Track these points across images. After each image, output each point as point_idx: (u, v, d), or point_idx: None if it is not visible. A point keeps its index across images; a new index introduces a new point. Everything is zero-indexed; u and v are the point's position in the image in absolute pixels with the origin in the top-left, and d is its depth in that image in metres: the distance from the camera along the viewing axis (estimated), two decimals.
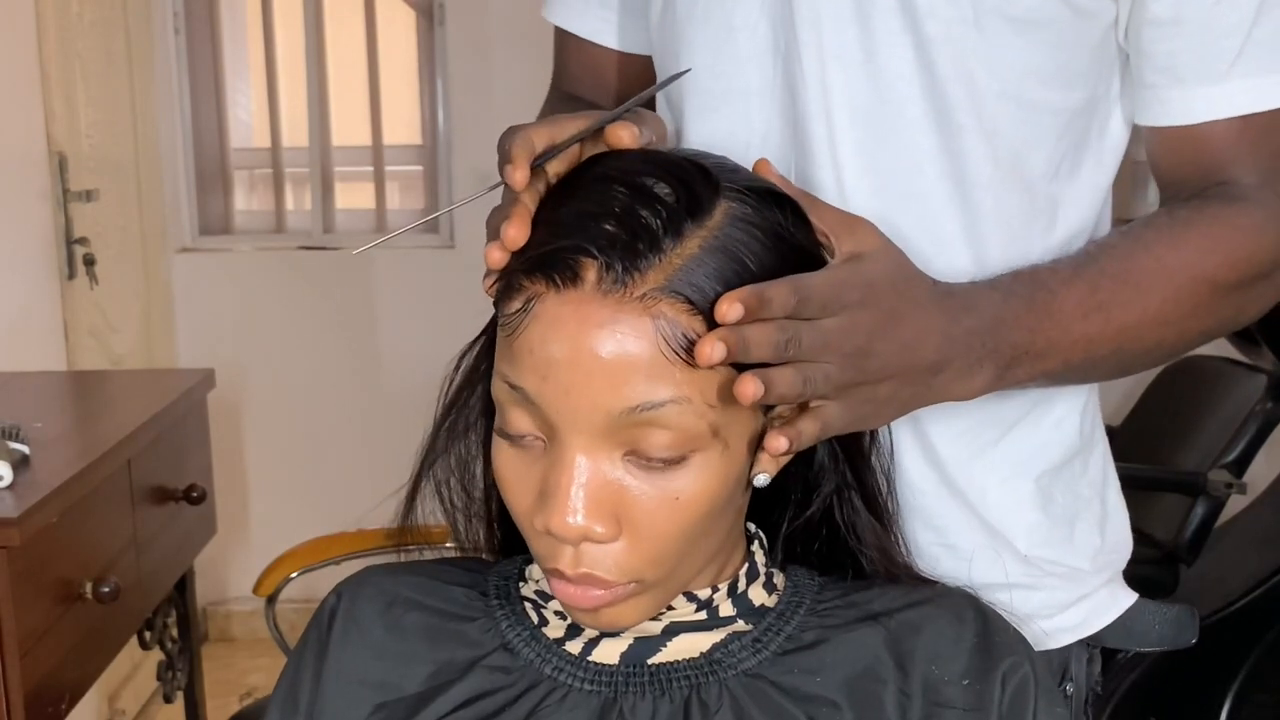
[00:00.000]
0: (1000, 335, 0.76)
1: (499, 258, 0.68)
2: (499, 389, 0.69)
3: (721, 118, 0.86)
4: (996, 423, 0.87)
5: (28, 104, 2.35)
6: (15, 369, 2.08)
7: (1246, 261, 0.81)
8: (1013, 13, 0.79)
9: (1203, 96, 0.81)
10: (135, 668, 2.64)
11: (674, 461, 0.67)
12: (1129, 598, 0.93)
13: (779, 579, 0.80)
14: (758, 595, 0.78)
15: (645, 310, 0.65)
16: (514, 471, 0.71)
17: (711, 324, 0.65)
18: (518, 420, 0.69)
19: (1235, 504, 2.41)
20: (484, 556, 0.85)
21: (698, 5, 0.86)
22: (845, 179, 0.83)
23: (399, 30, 3.12)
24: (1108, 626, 0.91)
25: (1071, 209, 0.86)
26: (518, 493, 0.70)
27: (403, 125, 3.18)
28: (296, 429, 3.14)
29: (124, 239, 2.76)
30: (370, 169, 3.15)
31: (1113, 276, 0.79)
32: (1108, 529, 0.93)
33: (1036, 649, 0.82)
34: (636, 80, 0.99)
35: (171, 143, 3.06)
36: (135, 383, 2.19)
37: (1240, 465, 2.32)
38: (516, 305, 0.68)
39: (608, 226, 0.66)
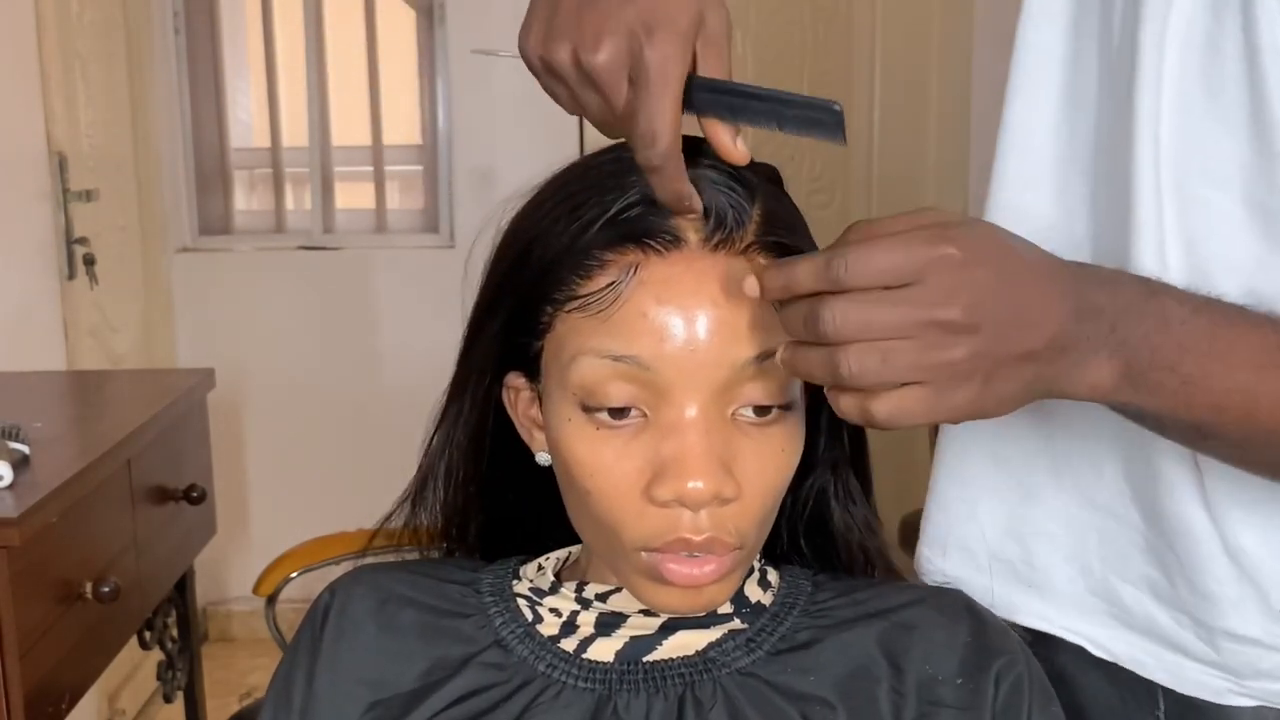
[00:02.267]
0: (1142, 327, 0.63)
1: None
2: (592, 369, 0.68)
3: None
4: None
5: (28, 104, 2.35)
6: (15, 369, 2.08)
7: None
8: None
9: None
10: (135, 668, 2.64)
11: (776, 417, 0.70)
12: None
13: (773, 576, 0.81)
14: (753, 592, 0.78)
15: (748, 260, 0.69)
16: (610, 454, 0.69)
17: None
18: (617, 397, 0.68)
19: None
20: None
21: None
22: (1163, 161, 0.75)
23: (399, 30, 3.12)
24: None
25: None
26: (615, 476, 0.69)
27: (403, 125, 3.18)
28: (296, 429, 3.14)
29: (124, 239, 2.76)
30: (370, 169, 3.15)
31: None
32: None
33: (1272, 708, 0.78)
34: None
35: (171, 143, 3.06)
36: (135, 383, 2.19)
37: None
38: (607, 279, 0.68)
39: (707, 186, 0.68)
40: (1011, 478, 0.89)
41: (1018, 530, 0.89)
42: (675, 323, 0.67)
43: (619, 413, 0.69)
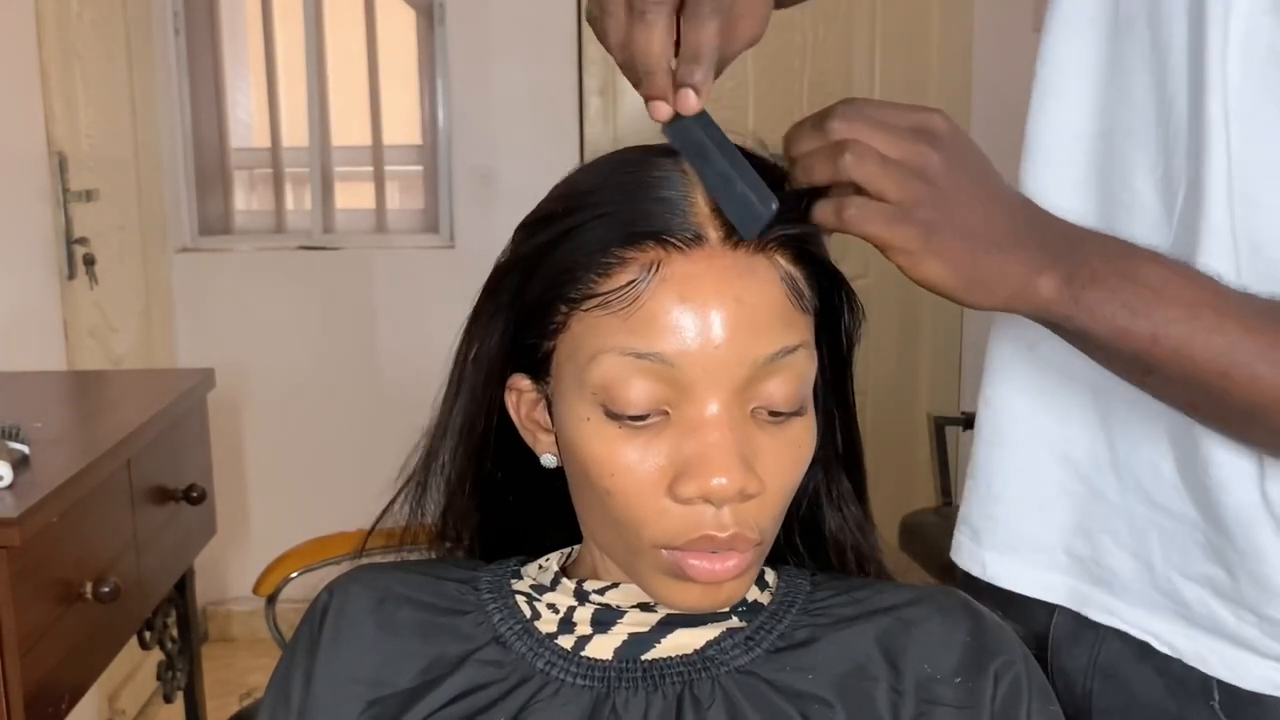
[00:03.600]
0: (1088, 254, 0.68)
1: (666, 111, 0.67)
2: (613, 367, 0.68)
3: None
4: None
5: (28, 104, 2.35)
6: (15, 369, 2.08)
7: None
8: None
9: None
10: (135, 668, 2.64)
11: (794, 412, 0.71)
12: None
13: (770, 575, 0.81)
14: (750, 591, 0.78)
15: (767, 258, 0.69)
16: (632, 455, 0.69)
17: (810, 270, 0.71)
18: (639, 395, 0.68)
19: None
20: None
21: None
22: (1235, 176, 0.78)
23: (399, 30, 3.12)
24: None
25: None
26: (637, 474, 0.69)
27: (403, 125, 3.19)
28: (296, 429, 3.14)
29: (124, 239, 2.76)
30: (370, 169, 3.15)
31: (1255, 307, 0.70)
32: None
33: None
34: None
35: (171, 143, 3.06)
36: (135, 383, 2.19)
37: None
38: (628, 277, 0.68)
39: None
40: (1079, 477, 0.91)
41: (1087, 527, 0.91)
42: (699, 320, 0.67)
43: (639, 418, 0.69)
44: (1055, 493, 0.92)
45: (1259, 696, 0.82)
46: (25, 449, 1.46)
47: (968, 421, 2.77)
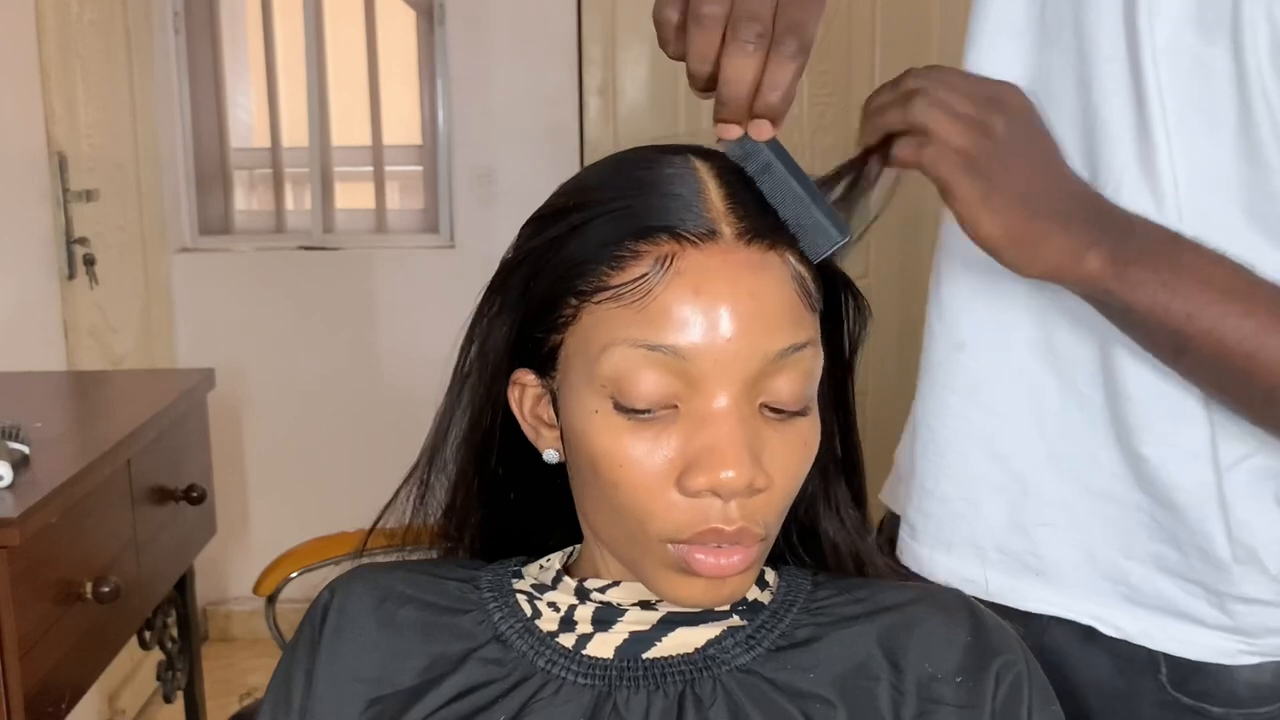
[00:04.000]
0: (1133, 236, 0.73)
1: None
2: (624, 358, 0.68)
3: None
4: (1245, 438, 0.85)
5: (28, 104, 2.35)
6: (15, 369, 2.08)
7: None
8: None
9: None
10: (135, 668, 2.64)
11: (800, 410, 0.71)
12: None
13: (770, 575, 0.81)
14: (750, 590, 0.78)
15: (779, 256, 0.70)
16: (641, 448, 0.69)
17: (817, 271, 0.72)
18: (650, 387, 0.68)
19: None
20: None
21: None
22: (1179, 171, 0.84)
23: (399, 30, 3.12)
24: None
25: None
26: (646, 466, 0.69)
27: (403, 125, 3.19)
28: (296, 429, 3.14)
29: (124, 239, 2.76)
30: (370, 169, 3.15)
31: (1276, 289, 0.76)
32: None
33: (1277, 661, 0.86)
34: None
35: (171, 143, 3.06)
36: (135, 383, 2.19)
37: None
38: (640, 269, 0.68)
39: (736, 186, 0.71)
40: (1012, 473, 0.93)
41: (1020, 522, 0.93)
42: (712, 314, 0.68)
43: (646, 413, 0.69)
44: (988, 490, 0.94)
45: (1202, 665, 0.88)
46: (25, 449, 1.46)
47: None
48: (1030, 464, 0.92)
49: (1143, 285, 0.74)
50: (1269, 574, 0.86)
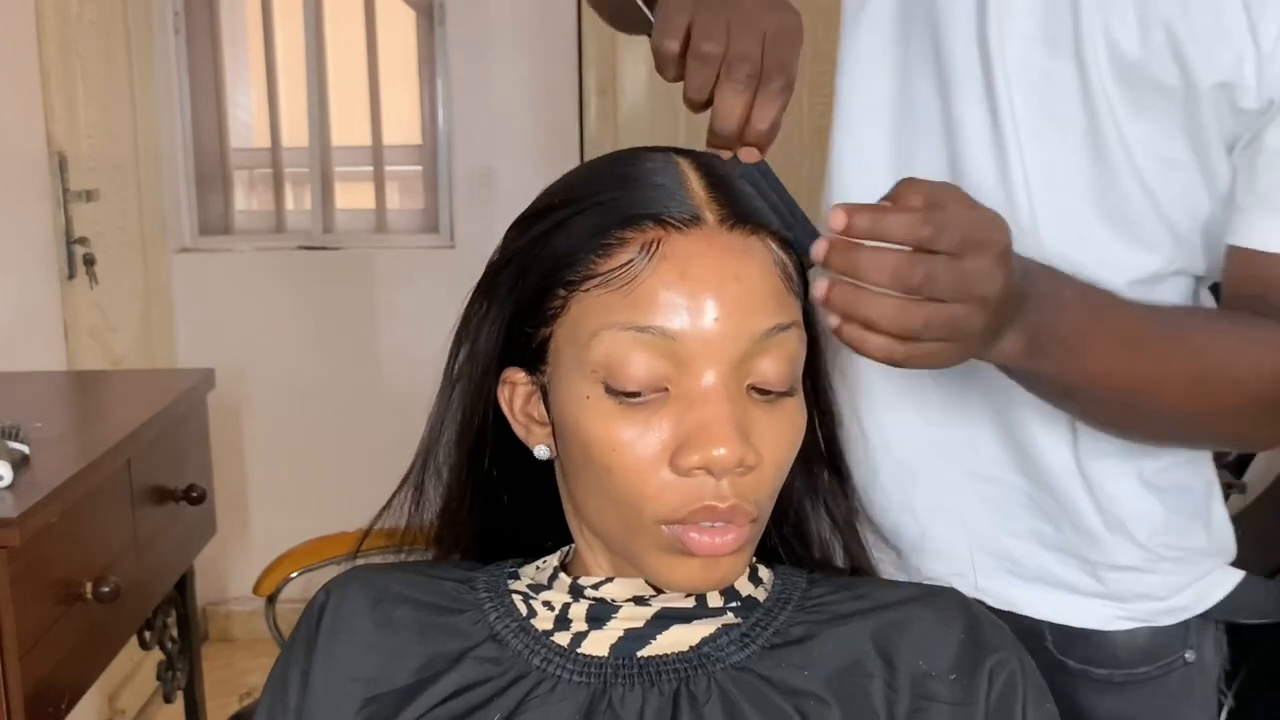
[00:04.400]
0: (1043, 312, 0.76)
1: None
2: (615, 342, 0.70)
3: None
4: None
5: (28, 104, 2.35)
6: (15, 369, 2.08)
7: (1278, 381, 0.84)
8: (1158, 77, 0.86)
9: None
10: (135, 668, 2.64)
11: (786, 391, 0.73)
12: (1235, 578, 1.00)
13: (764, 573, 0.81)
14: (745, 587, 0.79)
15: (761, 241, 0.73)
16: (633, 431, 0.70)
17: (797, 259, 0.74)
18: (640, 369, 0.70)
19: (1235, 504, 2.41)
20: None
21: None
22: (1032, 181, 0.91)
23: (399, 30, 3.12)
24: (1217, 604, 0.99)
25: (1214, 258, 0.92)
26: (638, 449, 0.70)
27: (403, 125, 3.18)
28: (296, 429, 3.14)
29: (124, 239, 2.76)
30: (370, 169, 3.15)
31: (1162, 326, 0.84)
32: (1214, 528, 1.01)
33: (1149, 625, 0.96)
34: None
35: (171, 143, 3.06)
36: (135, 383, 2.18)
37: (1240, 465, 2.32)
38: (627, 255, 0.70)
39: (716, 177, 0.74)
40: (900, 461, 1.00)
41: (911, 506, 0.99)
42: (699, 296, 0.69)
43: (636, 395, 0.70)
44: (882, 478, 1.00)
45: (1083, 631, 0.96)
46: (25, 449, 1.46)
47: None
48: (916, 452, 0.99)
49: (1051, 357, 0.78)
50: (1137, 543, 0.95)
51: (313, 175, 3.13)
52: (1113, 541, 0.95)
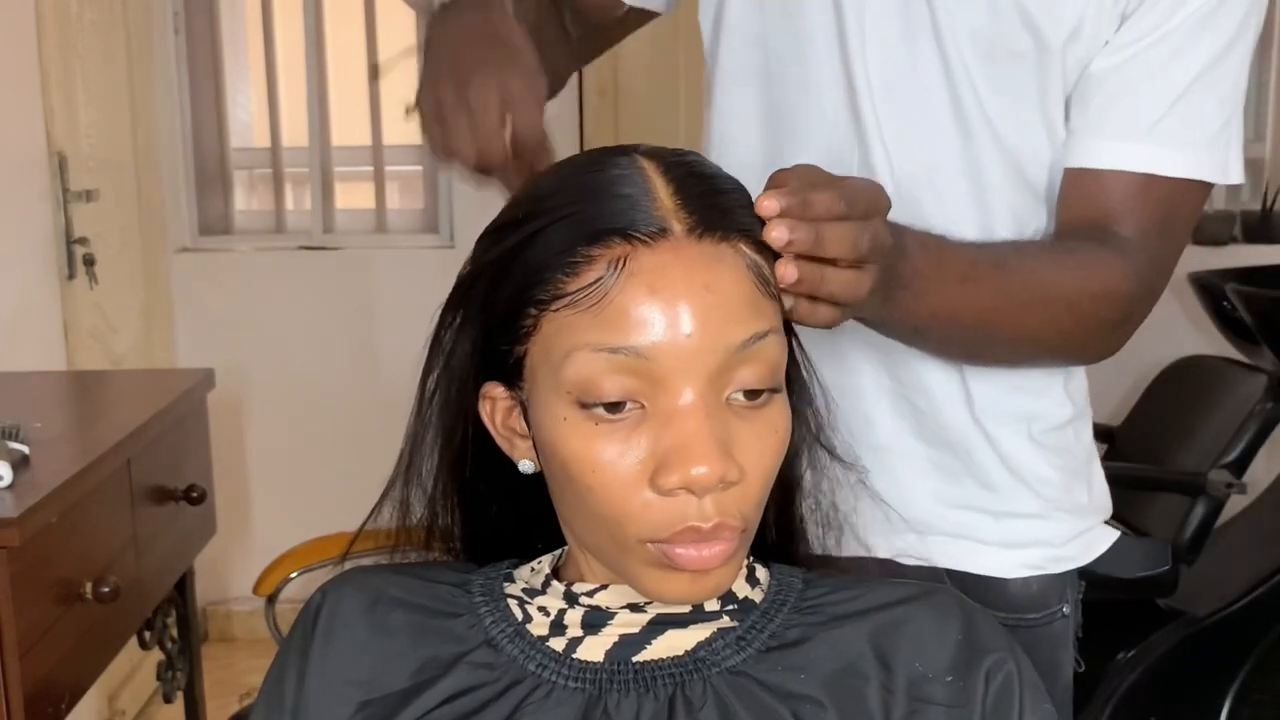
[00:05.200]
0: (897, 258, 0.80)
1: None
2: (587, 363, 0.69)
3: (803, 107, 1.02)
4: (1013, 389, 1.03)
5: (28, 104, 2.35)
6: (15, 369, 2.08)
7: (1105, 299, 0.94)
8: (1014, 47, 0.95)
9: (1118, 149, 0.95)
10: (135, 668, 2.64)
11: (766, 399, 0.71)
12: (1114, 535, 1.09)
13: (761, 573, 0.81)
14: (741, 589, 0.78)
15: (732, 248, 0.70)
16: (612, 451, 0.69)
17: (773, 259, 0.71)
18: (614, 389, 0.69)
19: (1235, 504, 2.41)
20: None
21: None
22: (896, 168, 0.99)
23: (399, 30, 3.12)
24: (1099, 557, 1.08)
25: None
26: (618, 469, 0.69)
27: (402, 125, 3.18)
28: (296, 429, 3.14)
29: (124, 239, 2.76)
30: (370, 169, 3.15)
31: (996, 260, 0.92)
32: (1094, 488, 1.10)
33: (1041, 573, 1.04)
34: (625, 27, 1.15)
35: (171, 143, 3.06)
36: (135, 383, 2.18)
37: (1240, 465, 2.32)
38: (595, 274, 0.68)
39: (684, 181, 0.72)
40: None
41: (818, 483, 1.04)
42: (670, 311, 0.68)
43: (615, 406, 0.69)
44: None
45: (982, 579, 1.03)
46: (25, 449, 1.46)
47: None
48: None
49: (899, 302, 0.82)
50: (1035, 492, 1.04)
51: (313, 175, 3.13)
52: (1015, 491, 1.03)
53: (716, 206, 0.71)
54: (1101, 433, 2.75)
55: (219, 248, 3.15)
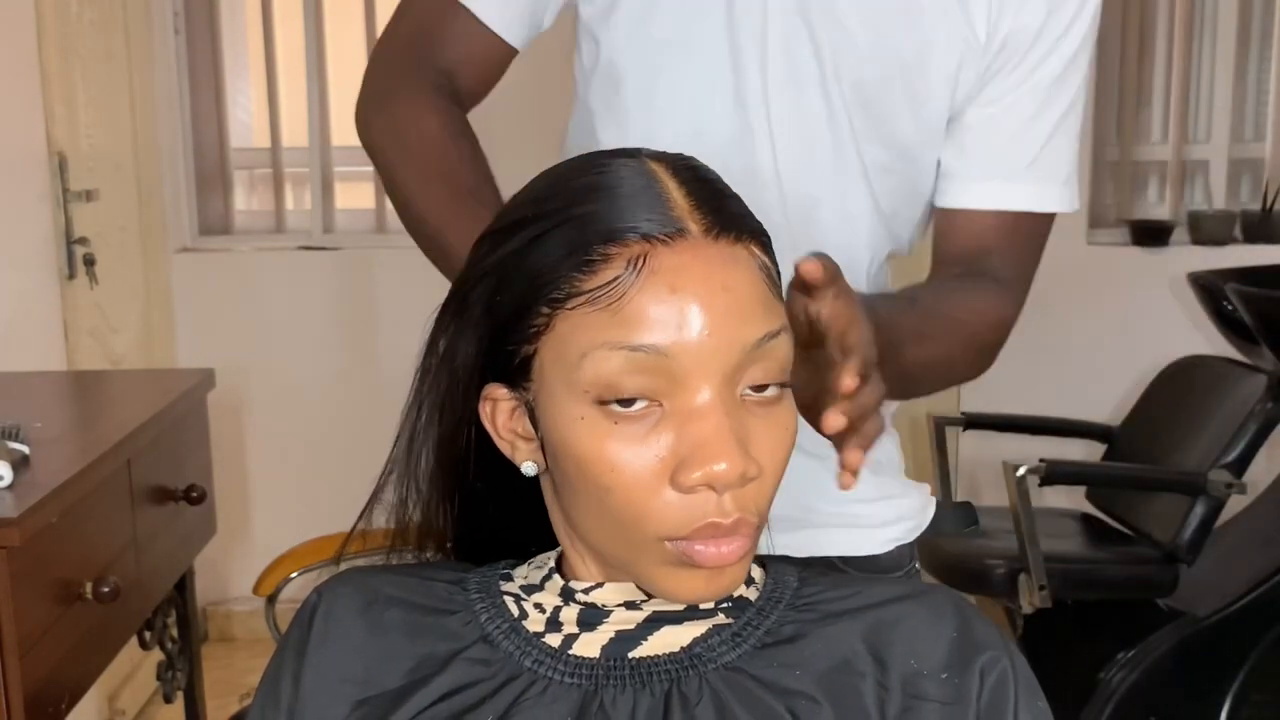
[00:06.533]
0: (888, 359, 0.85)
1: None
2: (607, 362, 0.69)
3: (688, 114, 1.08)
4: None
5: (28, 104, 2.35)
6: (15, 369, 2.08)
7: (999, 327, 1.07)
8: (890, 101, 1.04)
9: (997, 190, 1.07)
10: (135, 668, 2.64)
11: (777, 395, 0.72)
12: (934, 504, 1.21)
13: (756, 571, 0.81)
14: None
15: (745, 248, 0.72)
16: (630, 450, 0.70)
17: (776, 266, 0.74)
18: (632, 387, 0.69)
19: (1235, 504, 2.41)
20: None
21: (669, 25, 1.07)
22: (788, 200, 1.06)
23: None
24: (930, 522, 1.20)
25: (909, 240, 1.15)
26: (637, 467, 0.70)
27: None
28: (296, 429, 3.14)
29: (124, 239, 2.76)
30: (370, 169, 3.14)
31: (929, 314, 1.00)
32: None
33: (895, 547, 1.14)
34: (498, 71, 1.23)
35: (171, 143, 3.06)
36: (135, 383, 2.19)
37: (1240, 465, 2.32)
38: (613, 272, 0.69)
39: (693, 183, 0.72)
40: None
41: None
42: (690, 310, 0.68)
43: (632, 402, 0.69)
44: None
45: (863, 558, 1.13)
46: (25, 449, 1.46)
47: (968, 421, 2.77)
48: None
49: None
50: (894, 477, 1.17)
51: (313, 175, 3.13)
52: (879, 478, 1.14)
53: (726, 210, 0.72)
54: (1101, 433, 2.76)
55: (219, 248, 3.16)
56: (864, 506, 1.13)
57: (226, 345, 3.04)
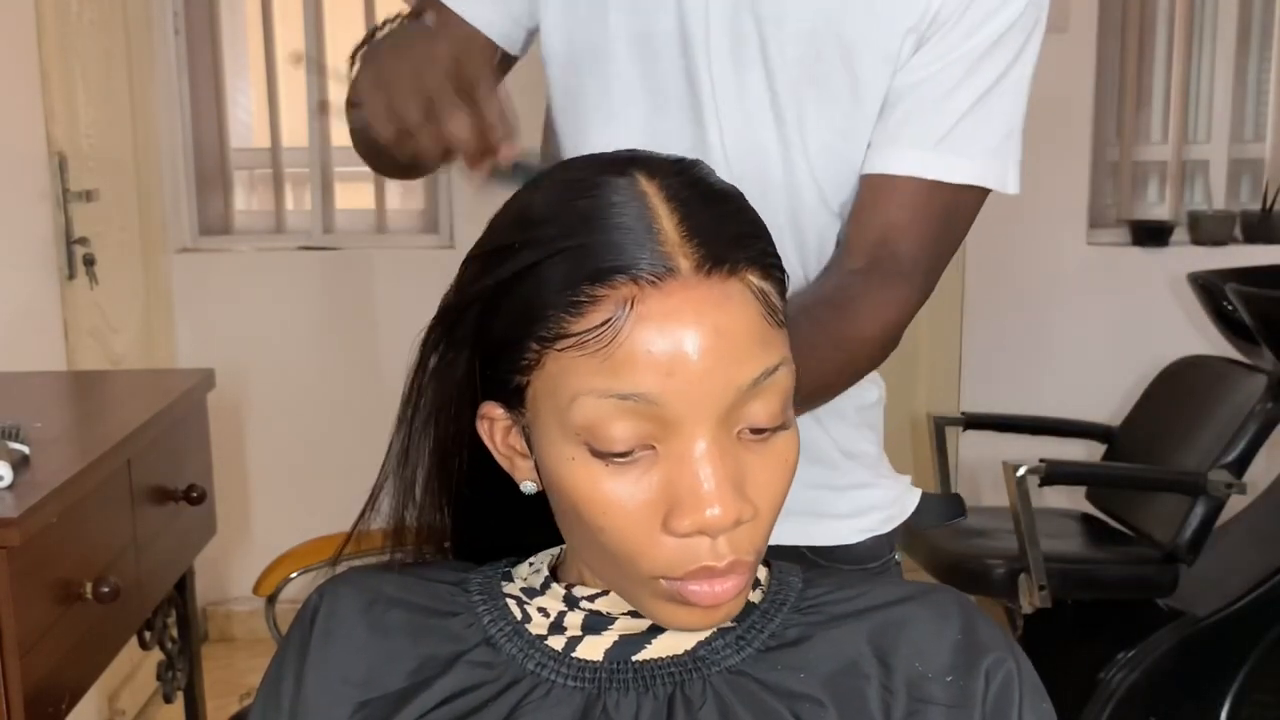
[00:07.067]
0: None
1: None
2: (596, 409, 0.67)
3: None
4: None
5: (28, 104, 2.35)
6: (15, 369, 2.08)
7: (882, 336, 1.06)
8: (832, 77, 1.05)
9: (912, 157, 1.06)
10: (135, 668, 2.64)
11: (780, 426, 0.70)
12: (918, 493, 1.23)
13: (761, 573, 0.81)
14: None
15: (740, 281, 0.68)
16: (623, 492, 0.69)
17: (778, 283, 0.71)
18: (624, 434, 0.67)
19: (1235, 504, 2.41)
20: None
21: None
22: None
23: None
24: (912, 513, 1.21)
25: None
26: (629, 510, 0.69)
27: None
28: (296, 429, 3.14)
29: (124, 239, 2.76)
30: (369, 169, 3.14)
31: (815, 321, 1.00)
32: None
33: (877, 534, 1.15)
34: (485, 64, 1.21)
35: (171, 143, 3.05)
36: (135, 383, 2.18)
37: (1240, 465, 2.32)
38: (601, 315, 0.66)
39: (688, 205, 0.69)
40: None
41: None
42: (680, 355, 0.66)
43: (624, 454, 0.68)
44: None
45: (832, 547, 1.15)
46: (25, 449, 1.46)
47: (968, 421, 2.77)
48: None
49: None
50: (863, 465, 1.18)
51: (313, 175, 3.13)
52: (848, 466, 1.16)
53: (722, 235, 0.69)
54: (1101, 433, 2.76)
55: (219, 248, 3.15)
56: (832, 495, 1.15)
57: (226, 345, 3.04)
